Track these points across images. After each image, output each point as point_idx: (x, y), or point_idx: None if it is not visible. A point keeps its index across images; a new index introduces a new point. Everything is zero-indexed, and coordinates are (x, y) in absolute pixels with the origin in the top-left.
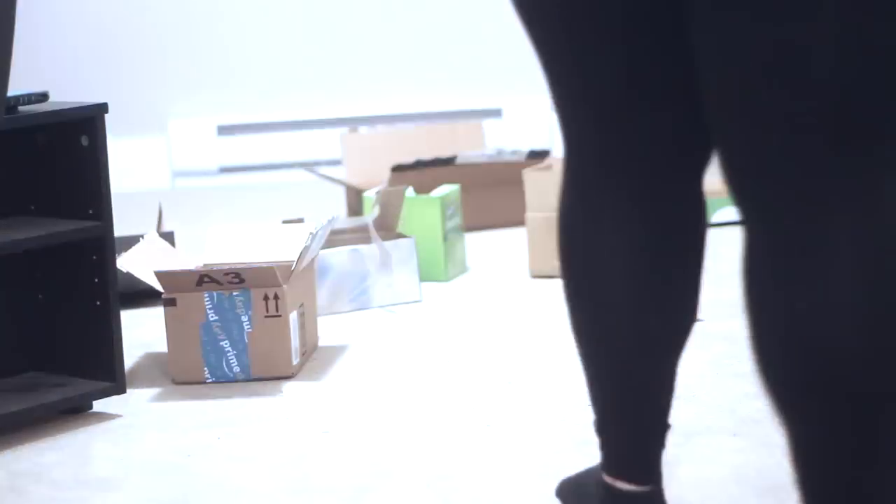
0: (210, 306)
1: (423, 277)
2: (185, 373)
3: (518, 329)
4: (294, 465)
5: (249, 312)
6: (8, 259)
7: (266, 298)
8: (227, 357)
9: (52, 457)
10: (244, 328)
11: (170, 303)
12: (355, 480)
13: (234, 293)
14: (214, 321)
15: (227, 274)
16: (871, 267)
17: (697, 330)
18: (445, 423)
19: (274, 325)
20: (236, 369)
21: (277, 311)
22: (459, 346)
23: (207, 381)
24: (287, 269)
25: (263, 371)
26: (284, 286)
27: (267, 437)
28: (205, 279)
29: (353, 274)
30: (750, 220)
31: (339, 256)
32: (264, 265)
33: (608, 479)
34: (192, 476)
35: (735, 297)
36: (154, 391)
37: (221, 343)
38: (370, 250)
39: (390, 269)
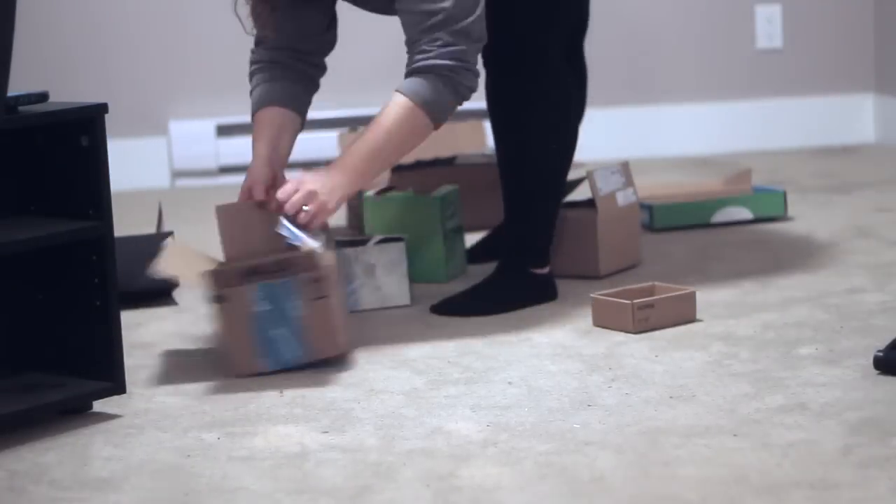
0: (259, 297)
1: (423, 278)
2: (242, 366)
3: (517, 329)
4: (294, 465)
5: (298, 298)
6: (8, 259)
7: (312, 281)
8: (282, 344)
9: (52, 457)
10: (295, 314)
11: (220, 299)
12: (355, 480)
13: (281, 281)
14: (265, 311)
15: (272, 264)
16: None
17: (697, 330)
18: (445, 422)
19: (322, 307)
20: (292, 355)
21: (324, 292)
22: (459, 347)
23: (265, 371)
24: (322, 254)
25: (318, 352)
26: (327, 265)
27: (267, 437)
28: (251, 272)
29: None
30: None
31: None
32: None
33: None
34: (192, 476)
35: (735, 297)
36: (154, 391)
37: (274, 332)
38: (356, 253)
39: (374, 274)
